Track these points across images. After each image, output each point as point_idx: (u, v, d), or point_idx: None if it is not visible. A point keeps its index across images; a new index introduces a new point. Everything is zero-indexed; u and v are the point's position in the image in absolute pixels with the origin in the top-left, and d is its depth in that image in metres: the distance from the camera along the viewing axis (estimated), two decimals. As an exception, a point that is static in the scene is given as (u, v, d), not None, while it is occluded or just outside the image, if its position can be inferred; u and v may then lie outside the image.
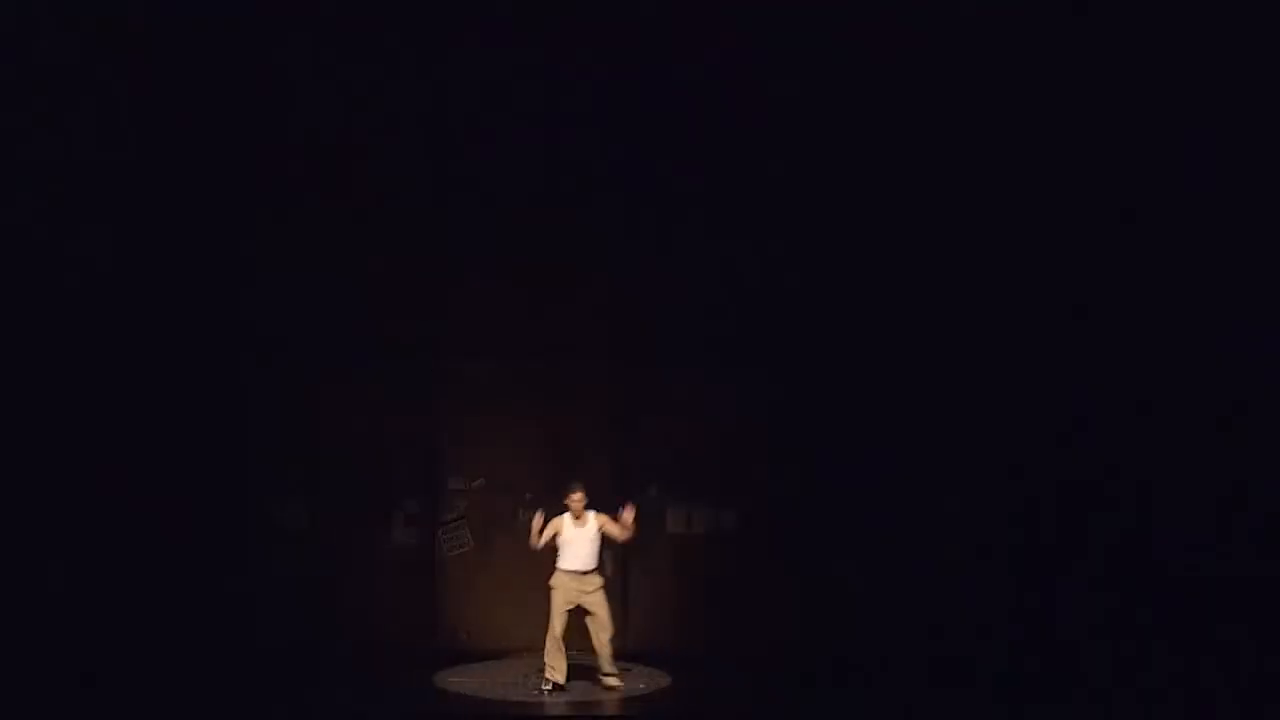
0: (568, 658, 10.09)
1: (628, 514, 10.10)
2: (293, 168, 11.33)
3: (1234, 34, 9.86)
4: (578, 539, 10.07)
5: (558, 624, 10.05)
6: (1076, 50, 10.47)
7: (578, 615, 10.18)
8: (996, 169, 10.86)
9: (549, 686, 10.03)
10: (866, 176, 11.22)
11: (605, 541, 10.26)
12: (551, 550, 10.18)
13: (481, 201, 11.54)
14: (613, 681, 10.14)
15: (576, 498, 10.07)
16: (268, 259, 11.52)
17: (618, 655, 10.38)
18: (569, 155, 11.47)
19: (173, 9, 10.84)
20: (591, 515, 10.12)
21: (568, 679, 10.08)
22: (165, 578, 10.59)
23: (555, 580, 10.14)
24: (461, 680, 10.50)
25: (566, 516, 10.13)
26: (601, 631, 10.12)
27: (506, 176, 11.46)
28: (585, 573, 10.09)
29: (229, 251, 11.41)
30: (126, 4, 10.64)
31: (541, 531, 10.06)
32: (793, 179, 11.36)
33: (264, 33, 11.19)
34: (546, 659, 10.07)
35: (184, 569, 10.76)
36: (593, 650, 10.20)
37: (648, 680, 10.52)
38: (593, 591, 10.10)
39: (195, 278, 11.11)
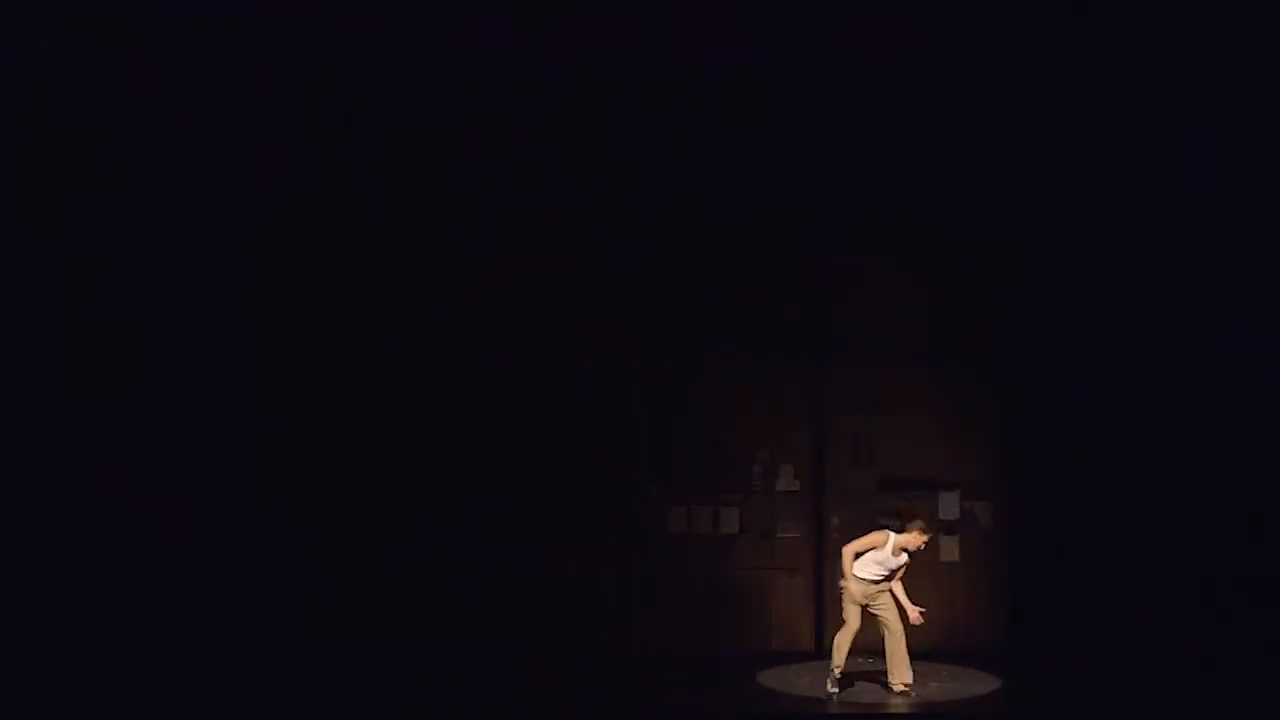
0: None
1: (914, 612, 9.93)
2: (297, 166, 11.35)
3: (1234, 34, 9.97)
4: (886, 562, 9.83)
5: (854, 619, 9.87)
6: (1076, 50, 10.57)
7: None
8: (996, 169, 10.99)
9: (835, 688, 9.88)
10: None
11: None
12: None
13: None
14: (900, 687, 9.89)
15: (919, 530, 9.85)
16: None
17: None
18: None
19: (173, 9, 10.80)
20: (904, 553, 9.91)
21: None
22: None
23: (849, 583, 9.90)
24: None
25: (890, 538, 9.81)
26: (892, 637, 9.92)
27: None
28: (877, 582, 9.92)
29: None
30: (126, 4, 10.60)
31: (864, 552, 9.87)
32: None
33: (264, 33, 11.15)
34: (837, 655, 9.89)
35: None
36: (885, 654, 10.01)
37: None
38: (883, 599, 9.94)
39: (198, 277, 11.08)
